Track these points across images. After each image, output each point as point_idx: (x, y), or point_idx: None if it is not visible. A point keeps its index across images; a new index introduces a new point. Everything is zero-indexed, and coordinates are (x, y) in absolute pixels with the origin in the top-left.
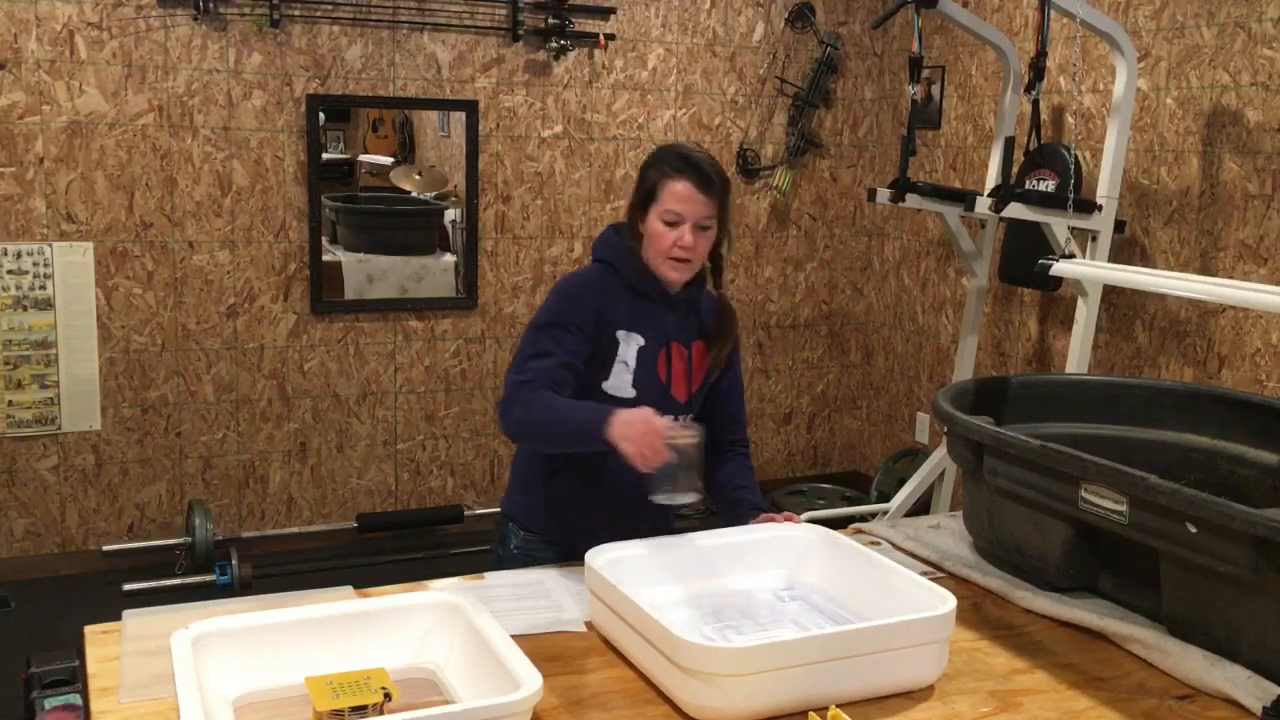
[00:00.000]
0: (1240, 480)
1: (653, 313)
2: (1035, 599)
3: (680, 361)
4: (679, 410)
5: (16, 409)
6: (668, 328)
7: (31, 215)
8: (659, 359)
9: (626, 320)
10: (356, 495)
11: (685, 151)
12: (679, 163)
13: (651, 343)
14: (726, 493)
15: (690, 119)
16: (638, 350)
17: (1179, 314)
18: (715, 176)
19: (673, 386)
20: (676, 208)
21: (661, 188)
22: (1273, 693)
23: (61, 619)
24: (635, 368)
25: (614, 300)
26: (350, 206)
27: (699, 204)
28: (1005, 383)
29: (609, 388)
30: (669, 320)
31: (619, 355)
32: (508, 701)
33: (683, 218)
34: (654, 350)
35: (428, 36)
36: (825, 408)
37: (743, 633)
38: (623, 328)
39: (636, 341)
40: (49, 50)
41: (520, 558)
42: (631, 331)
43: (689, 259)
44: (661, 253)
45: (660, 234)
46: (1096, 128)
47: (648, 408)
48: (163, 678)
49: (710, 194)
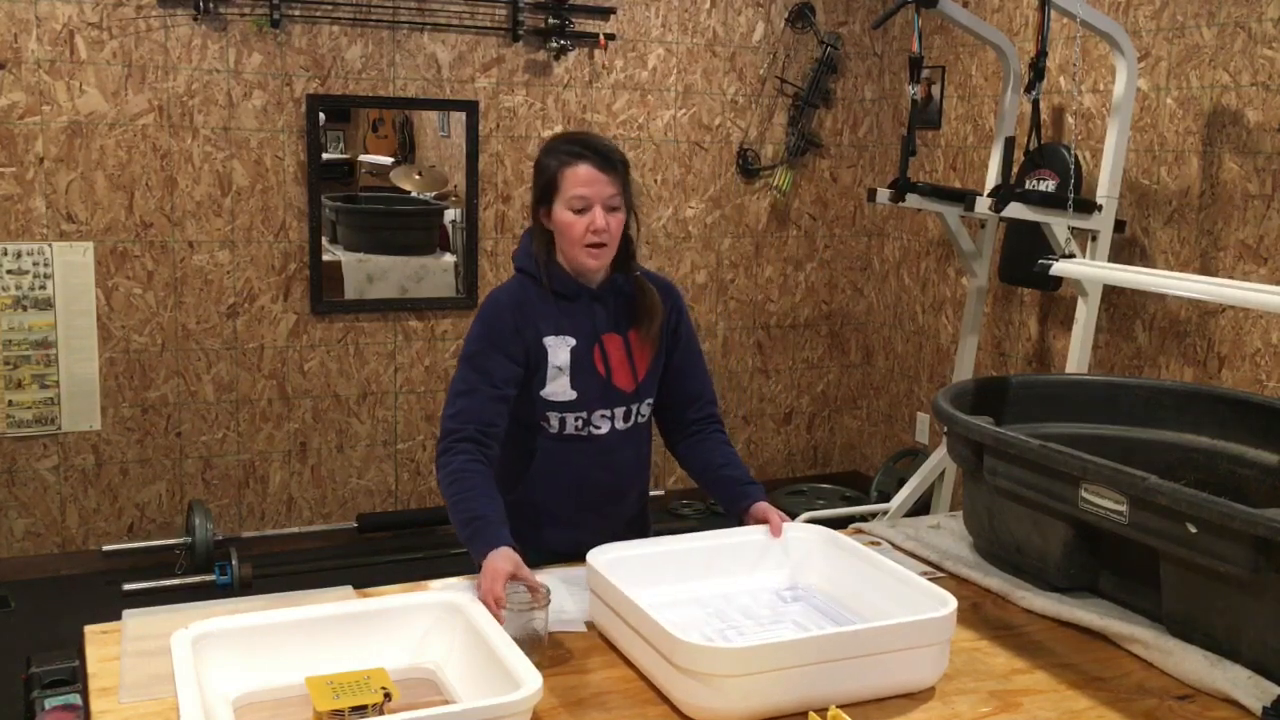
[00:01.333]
0: (1240, 480)
1: (578, 311)
2: (1035, 599)
3: (618, 352)
4: (627, 401)
5: (16, 409)
6: (596, 322)
7: (31, 215)
8: (594, 355)
9: (553, 325)
10: (356, 495)
11: (578, 136)
12: (575, 148)
13: (583, 341)
14: (710, 475)
15: (690, 119)
16: (570, 351)
17: (1179, 314)
18: (614, 156)
19: (614, 378)
20: (583, 192)
21: (562, 176)
22: (1273, 693)
23: (61, 619)
24: (571, 369)
25: (536, 309)
26: (350, 206)
27: (603, 184)
28: (1005, 383)
29: (548, 394)
30: (596, 314)
31: (551, 361)
32: (508, 701)
33: (590, 201)
34: (587, 347)
35: (428, 36)
36: (825, 408)
37: (744, 633)
38: (550, 334)
39: (567, 344)
40: (49, 50)
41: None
42: (560, 335)
43: (604, 242)
44: (576, 241)
45: (571, 223)
46: (1096, 128)
47: (504, 565)
48: (163, 678)
49: (612, 173)
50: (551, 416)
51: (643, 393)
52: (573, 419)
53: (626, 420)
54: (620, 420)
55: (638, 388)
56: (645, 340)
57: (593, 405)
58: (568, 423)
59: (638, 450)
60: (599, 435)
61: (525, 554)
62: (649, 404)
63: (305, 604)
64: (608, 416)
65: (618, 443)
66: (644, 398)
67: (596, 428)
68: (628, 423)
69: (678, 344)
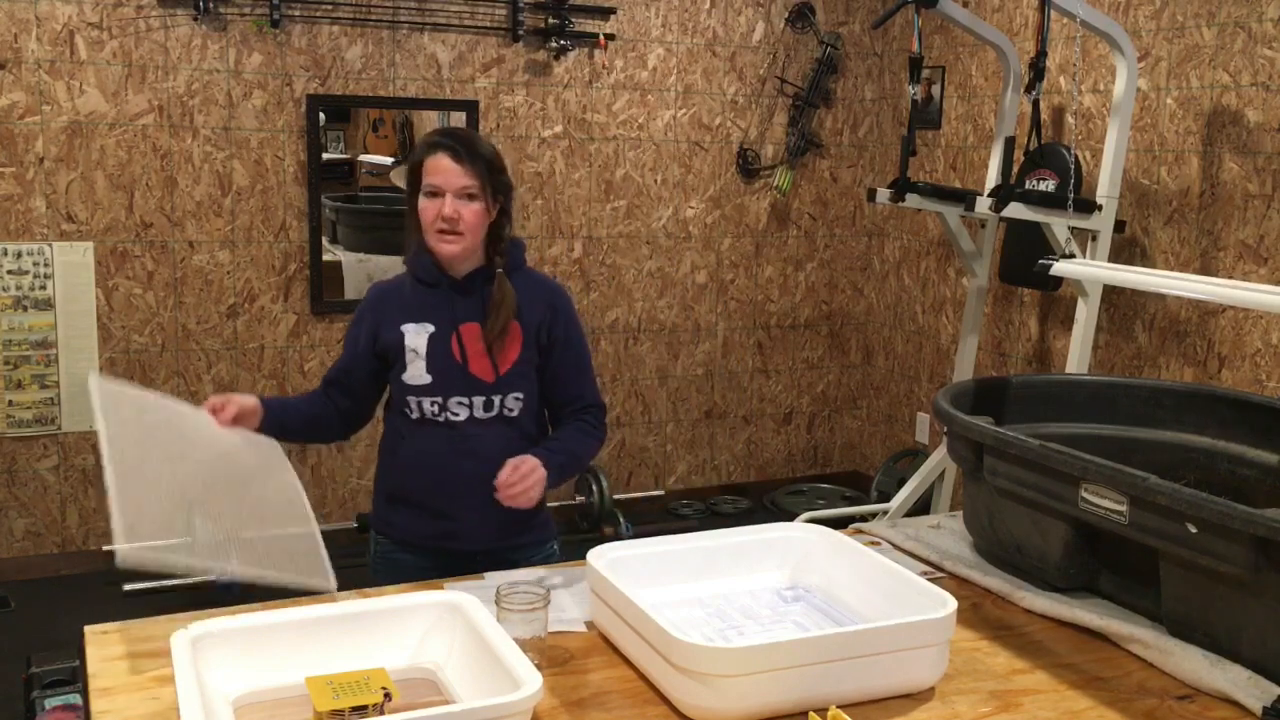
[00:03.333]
0: (1240, 480)
1: (438, 299)
2: (1035, 599)
3: (475, 342)
4: (487, 390)
5: (16, 409)
6: (455, 311)
7: (31, 215)
8: (451, 342)
9: (414, 312)
10: (356, 495)
11: (445, 129)
12: (435, 138)
13: (442, 328)
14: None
15: (690, 119)
16: (428, 337)
17: (1179, 314)
18: (473, 148)
19: (471, 366)
20: (435, 180)
21: (422, 166)
22: (1273, 693)
23: (61, 619)
24: (427, 354)
25: (399, 298)
26: (350, 206)
27: (454, 173)
28: (1005, 383)
29: (407, 378)
30: (457, 303)
31: (407, 345)
32: (508, 701)
33: (441, 189)
34: (444, 335)
35: (428, 36)
36: (825, 408)
37: (744, 633)
38: (410, 320)
39: (426, 330)
40: (49, 50)
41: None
42: (420, 322)
43: (454, 230)
44: (428, 226)
45: (423, 208)
46: (1096, 128)
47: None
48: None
49: (465, 163)
50: (411, 400)
51: (505, 386)
52: (429, 403)
53: (487, 410)
54: (480, 409)
55: (498, 380)
56: (491, 333)
57: (449, 391)
58: (424, 406)
59: (505, 444)
60: (456, 422)
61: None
62: (517, 398)
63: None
64: (465, 404)
65: (478, 431)
66: (508, 391)
67: (454, 414)
68: (489, 412)
69: (553, 347)
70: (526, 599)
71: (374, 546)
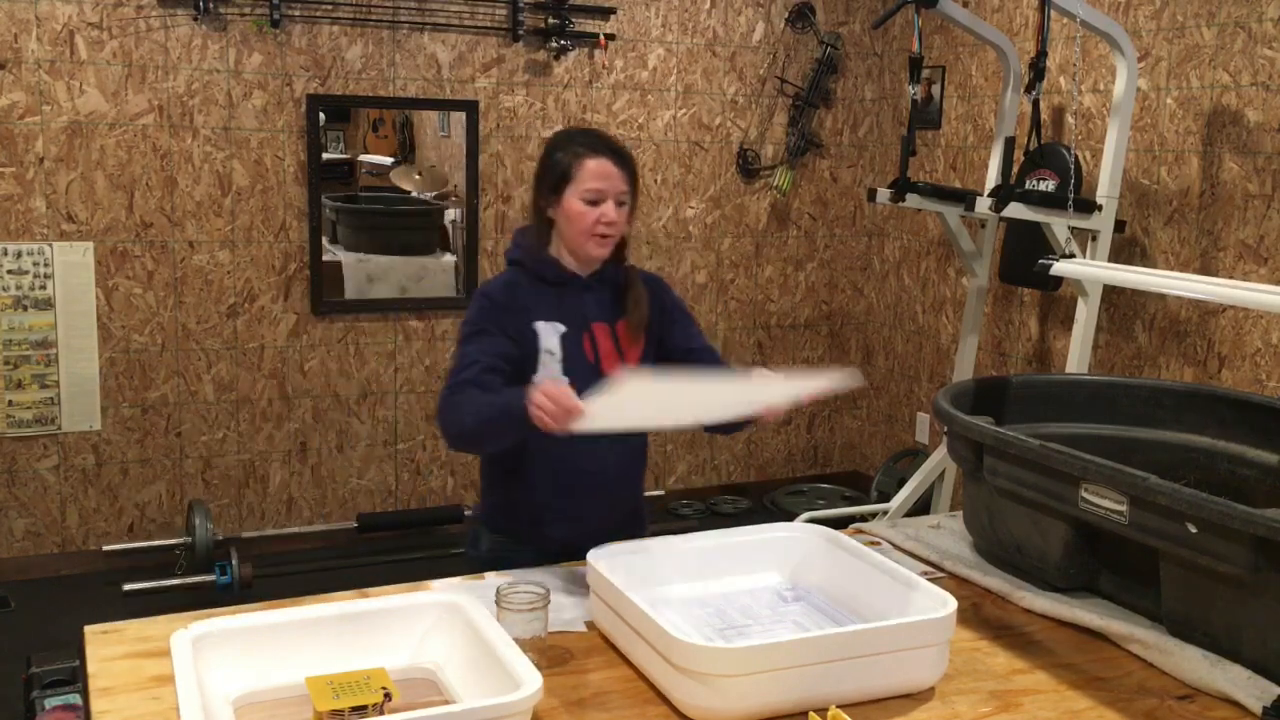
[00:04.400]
0: (1240, 480)
1: (568, 298)
2: (1035, 599)
3: (606, 341)
4: None
5: (16, 409)
6: (585, 310)
7: (31, 215)
8: (583, 341)
9: (544, 311)
10: (356, 495)
11: (593, 132)
12: (592, 142)
13: (573, 327)
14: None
15: (690, 119)
16: (560, 337)
17: (1179, 314)
18: (628, 154)
19: (603, 365)
20: (599, 185)
21: (578, 168)
22: (1273, 693)
23: (61, 619)
24: (561, 354)
25: (527, 295)
26: (350, 206)
27: (617, 179)
28: (1005, 383)
29: (539, 380)
30: (586, 302)
31: (542, 346)
32: (508, 701)
33: (604, 194)
34: (576, 334)
35: (428, 36)
36: (825, 408)
37: (745, 633)
38: (541, 319)
39: (557, 329)
40: (49, 50)
41: (490, 560)
42: (550, 321)
43: (612, 234)
44: (585, 231)
45: (582, 213)
46: (1096, 128)
47: (554, 384)
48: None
49: (625, 170)
50: None
51: None
52: None
53: None
54: None
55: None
56: (632, 330)
57: (582, 390)
58: None
59: (630, 445)
60: None
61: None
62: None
63: (305, 604)
64: None
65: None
66: None
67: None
68: None
69: (673, 328)
70: (526, 599)
71: (485, 542)
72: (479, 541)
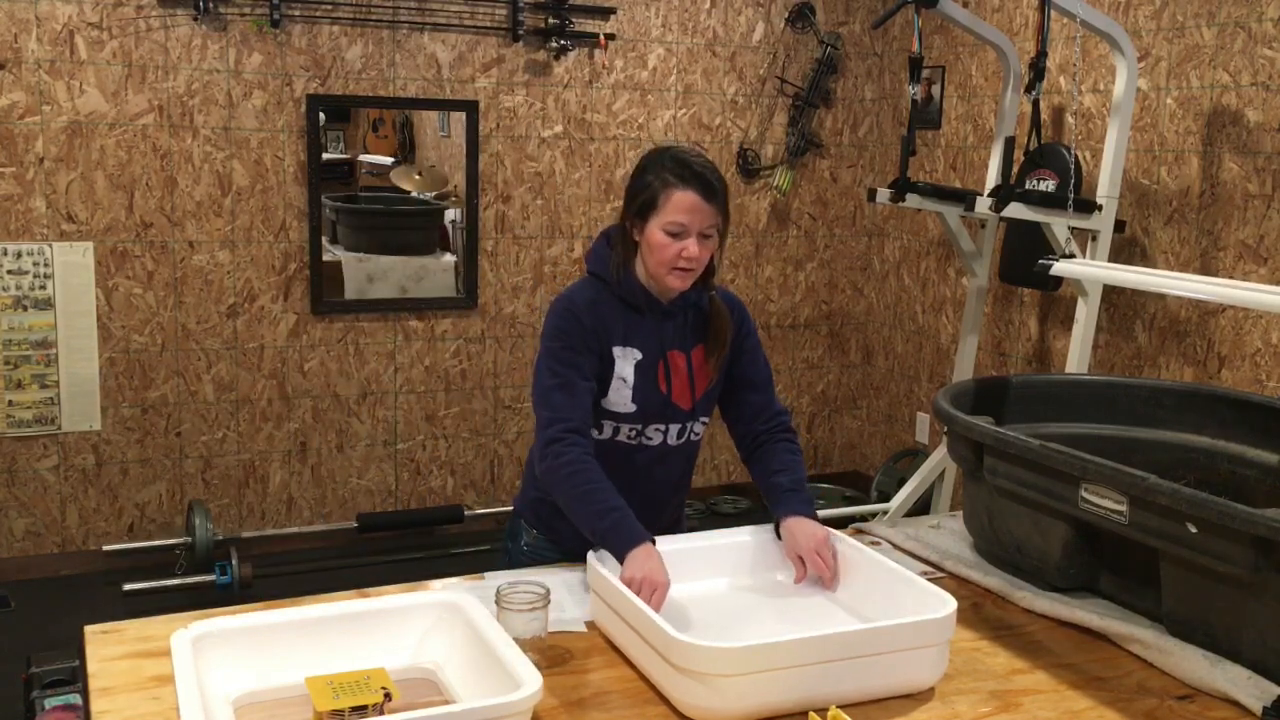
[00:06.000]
0: (1240, 480)
1: (647, 325)
2: (1035, 599)
3: (680, 370)
4: (684, 418)
5: (16, 409)
6: (663, 338)
7: (31, 215)
8: (658, 371)
9: (621, 335)
10: (356, 495)
11: (686, 158)
12: (682, 171)
13: (649, 356)
14: (764, 483)
15: (690, 119)
16: (635, 365)
17: (1179, 314)
18: (718, 184)
19: (674, 396)
20: (682, 219)
21: (665, 198)
22: (1273, 693)
23: (61, 619)
24: (634, 383)
25: (607, 316)
26: (350, 206)
27: (704, 214)
28: (1005, 383)
29: (608, 404)
30: (665, 330)
31: (616, 372)
32: (508, 701)
33: (688, 229)
34: (652, 362)
35: (428, 36)
36: (825, 408)
37: (744, 633)
38: (618, 343)
39: (634, 356)
40: (49, 50)
41: (529, 556)
42: (627, 346)
43: (694, 269)
44: (665, 264)
45: (663, 245)
46: (1096, 128)
47: (656, 560)
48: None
49: (714, 203)
50: (605, 424)
51: (698, 411)
52: (627, 429)
53: (679, 437)
54: (674, 436)
55: (694, 406)
56: (709, 360)
57: (649, 420)
58: (621, 431)
59: (684, 465)
60: (649, 446)
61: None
62: (703, 423)
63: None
64: (661, 430)
65: (665, 455)
66: (699, 416)
67: (649, 439)
68: (680, 440)
69: (741, 356)
70: (526, 599)
71: (524, 536)
72: (519, 536)
